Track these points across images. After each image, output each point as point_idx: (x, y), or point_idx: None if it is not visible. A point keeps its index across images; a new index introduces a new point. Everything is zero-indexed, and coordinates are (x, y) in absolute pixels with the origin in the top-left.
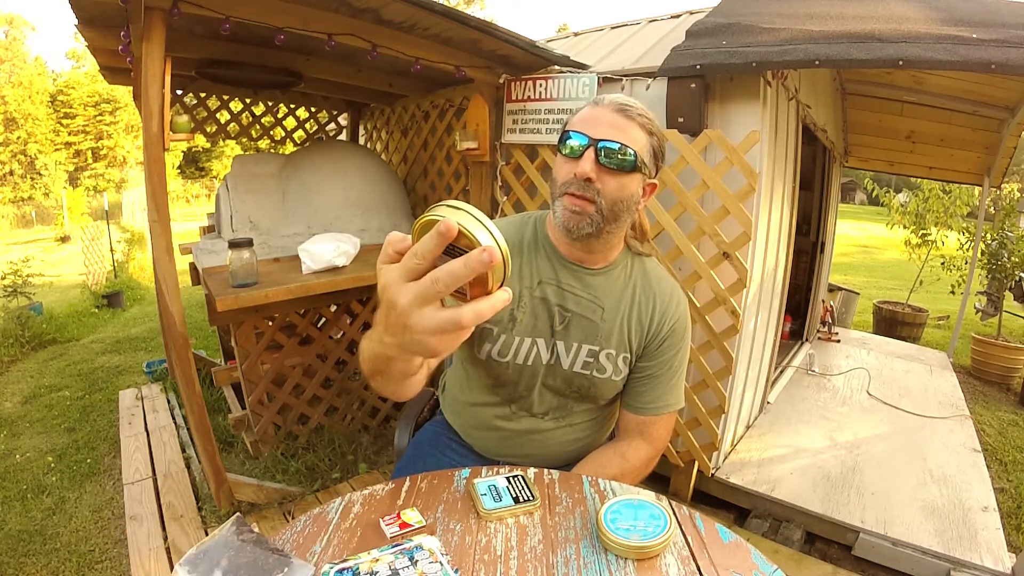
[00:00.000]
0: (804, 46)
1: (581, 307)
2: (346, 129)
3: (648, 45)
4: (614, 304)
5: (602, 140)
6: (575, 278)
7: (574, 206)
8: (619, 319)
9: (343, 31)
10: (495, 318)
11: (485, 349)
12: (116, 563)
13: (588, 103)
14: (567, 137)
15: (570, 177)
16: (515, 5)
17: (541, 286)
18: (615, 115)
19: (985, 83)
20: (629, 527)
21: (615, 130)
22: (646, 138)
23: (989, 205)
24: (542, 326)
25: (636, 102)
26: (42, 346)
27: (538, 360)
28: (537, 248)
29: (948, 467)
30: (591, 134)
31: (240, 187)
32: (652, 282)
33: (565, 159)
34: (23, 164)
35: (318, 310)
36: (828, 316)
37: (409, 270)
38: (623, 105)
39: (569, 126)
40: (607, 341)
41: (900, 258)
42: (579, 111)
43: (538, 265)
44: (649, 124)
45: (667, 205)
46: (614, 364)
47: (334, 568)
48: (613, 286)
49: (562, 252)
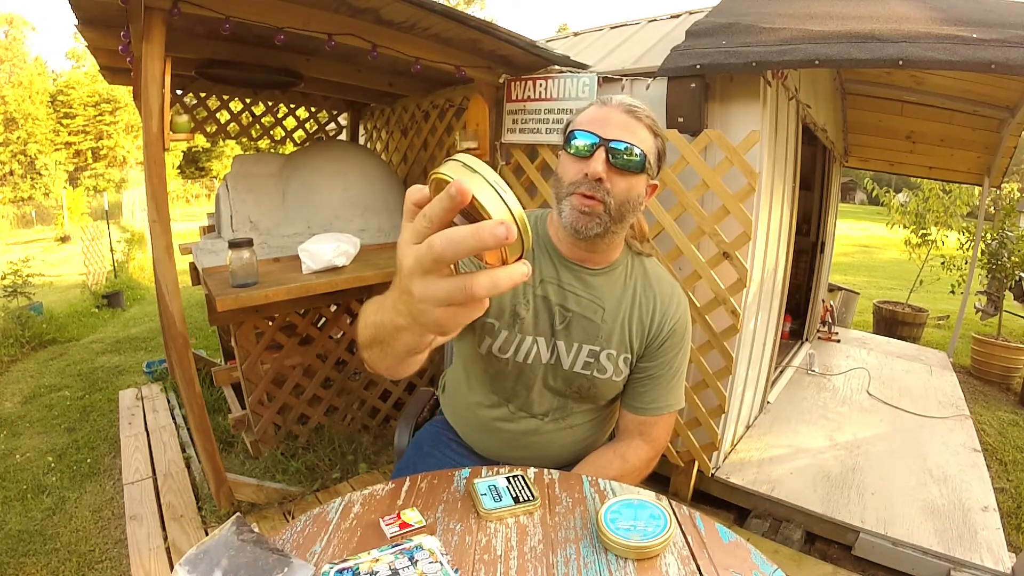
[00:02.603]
0: (804, 46)
1: (582, 307)
2: (346, 129)
3: (648, 45)
4: (615, 304)
5: (613, 140)
6: (576, 278)
7: (584, 206)
8: (620, 319)
9: (343, 31)
10: (498, 312)
11: (486, 344)
12: (116, 563)
13: (594, 103)
14: (574, 136)
15: (579, 177)
16: (515, 5)
17: (543, 285)
18: (624, 116)
19: (985, 83)
20: (629, 527)
21: (624, 131)
22: (652, 139)
23: (989, 205)
24: (543, 325)
25: (641, 103)
26: (42, 346)
27: (537, 359)
28: (539, 247)
29: (948, 467)
30: (601, 134)
31: (240, 187)
32: (653, 282)
33: (573, 159)
34: (23, 164)
35: (318, 310)
36: (828, 316)
37: (417, 231)
38: (631, 106)
39: (576, 125)
40: (608, 341)
41: (900, 258)
42: (584, 110)
43: (540, 264)
44: (654, 126)
45: (667, 205)
46: (615, 364)
47: (334, 568)
48: (614, 286)
49: (563, 252)
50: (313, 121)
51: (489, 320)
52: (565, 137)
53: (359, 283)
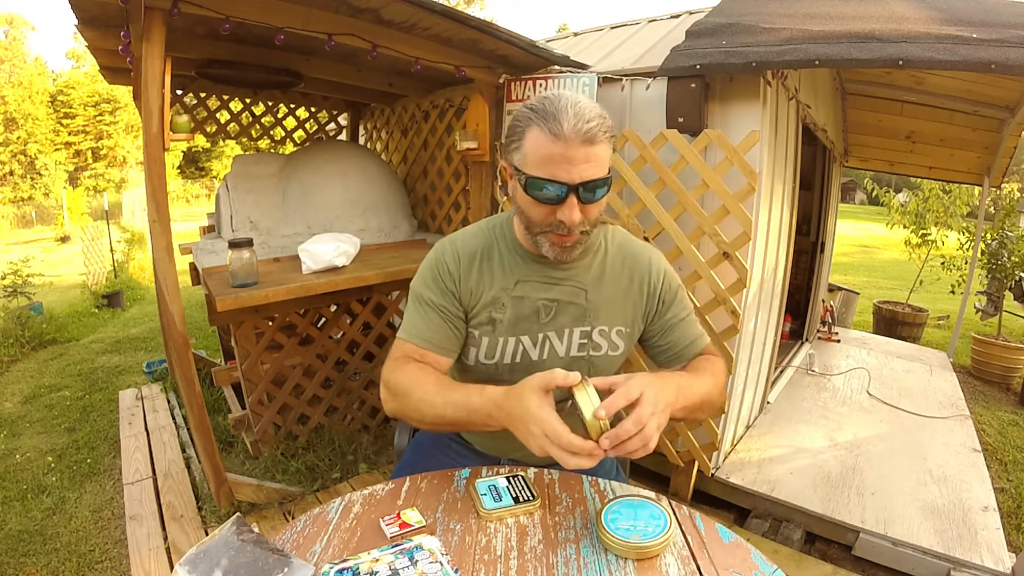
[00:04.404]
0: (804, 46)
1: (565, 294)
2: (346, 129)
3: (648, 45)
4: (595, 282)
5: (582, 184)
6: (553, 268)
7: (563, 243)
8: (604, 295)
9: (343, 31)
10: (477, 323)
11: (472, 354)
12: (116, 563)
13: (536, 125)
14: (539, 187)
15: (552, 219)
16: (515, 5)
17: (519, 285)
18: (584, 148)
19: (985, 83)
20: (629, 527)
21: (590, 164)
22: (609, 145)
23: (989, 205)
24: (525, 324)
25: (590, 107)
26: (42, 346)
27: (526, 357)
28: (510, 251)
29: (948, 467)
30: (568, 180)
31: (240, 187)
32: (625, 252)
33: (537, 203)
34: (23, 164)
35: (318, 310)
36: (828, 316)
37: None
38: (587, 132)
39: (535, 170)
40: (596, 319)
41: (900, 258)
42: (528, 135)
43: (513, 268)
44: (608, 127)
45: (667, 205)
46: (608, 340)
47: (334, 568)
48: (591, 266)
49: (535, 252)
50: (313, 121)
51: (471, 331)
52: (525, 182)
53: (359, 283)
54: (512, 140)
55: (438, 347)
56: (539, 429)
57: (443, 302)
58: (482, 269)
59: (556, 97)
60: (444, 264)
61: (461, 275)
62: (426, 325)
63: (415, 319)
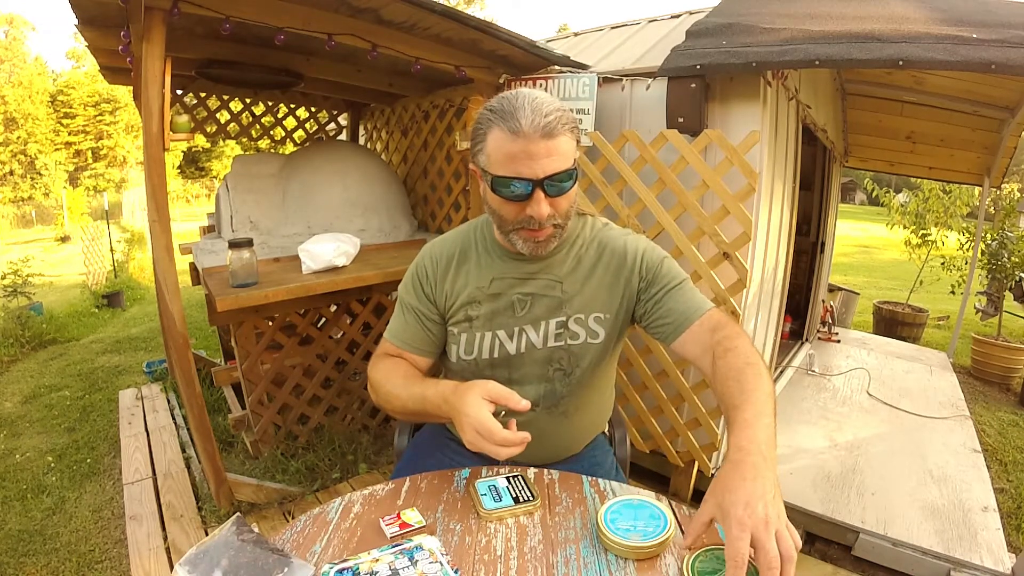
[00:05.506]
0: (804, 46)
1: (539, 287)
2: (346, 129)
3: (648, 45)
4: (570, 273)
5: (546, 178)
6: (527, 263)
7: (536, 238)
8: (579, 284)
9: (343, 31)
10: (455, 321)
11: (453, 351)
12: (116, 563)
13: (502, 129)
14: (505, 185)
15: (522, 216)
16: (515, 5)
17: (494, 283)
18: (544, 143)
19: (985, 83)
20: (629, 527)
21: (552, 158)
22: (571, 136)
23: (989, 205)
24: (500, 318)
25: (548, 101)
26: (42, 346)
27: (503, 351)
28: (487, 251)
29: (948, 467)
30: (532, 176)
31: (240, 187)
32: (601, 240)
33: (506, 201)
34: (23, 164)
35: (318, 310)
36: (828, 316)
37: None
38: (546, 126)
39: (499, 169)
40: (571, 308)
41: (900, 258)
42: (489, 136)
43: (490, 265)
44: (569, 119)
45: (667, 205)
46: (586, 327)
47: (334, 568)
48: (566, 259)
49: (512, 251)
50: (313, 121)
51: (451, 328)
52: (492, 182)
53: (359, 283)
54: (476, 142)
55: (413, 347)
56: (471, 425)
57: (419, 305)
58: (459, 271)
59: (514, 95)
60: (423, 268)
61: (438, 278)
62: (404, 327)
63: (396, 320)
